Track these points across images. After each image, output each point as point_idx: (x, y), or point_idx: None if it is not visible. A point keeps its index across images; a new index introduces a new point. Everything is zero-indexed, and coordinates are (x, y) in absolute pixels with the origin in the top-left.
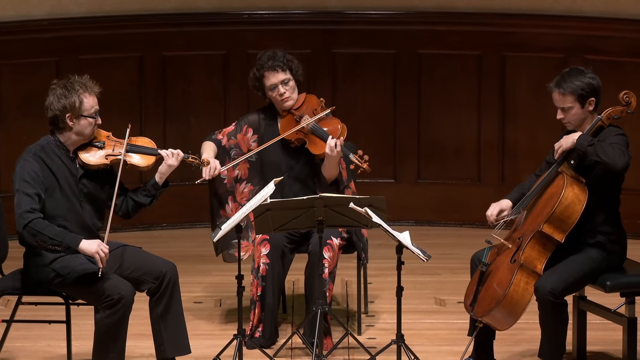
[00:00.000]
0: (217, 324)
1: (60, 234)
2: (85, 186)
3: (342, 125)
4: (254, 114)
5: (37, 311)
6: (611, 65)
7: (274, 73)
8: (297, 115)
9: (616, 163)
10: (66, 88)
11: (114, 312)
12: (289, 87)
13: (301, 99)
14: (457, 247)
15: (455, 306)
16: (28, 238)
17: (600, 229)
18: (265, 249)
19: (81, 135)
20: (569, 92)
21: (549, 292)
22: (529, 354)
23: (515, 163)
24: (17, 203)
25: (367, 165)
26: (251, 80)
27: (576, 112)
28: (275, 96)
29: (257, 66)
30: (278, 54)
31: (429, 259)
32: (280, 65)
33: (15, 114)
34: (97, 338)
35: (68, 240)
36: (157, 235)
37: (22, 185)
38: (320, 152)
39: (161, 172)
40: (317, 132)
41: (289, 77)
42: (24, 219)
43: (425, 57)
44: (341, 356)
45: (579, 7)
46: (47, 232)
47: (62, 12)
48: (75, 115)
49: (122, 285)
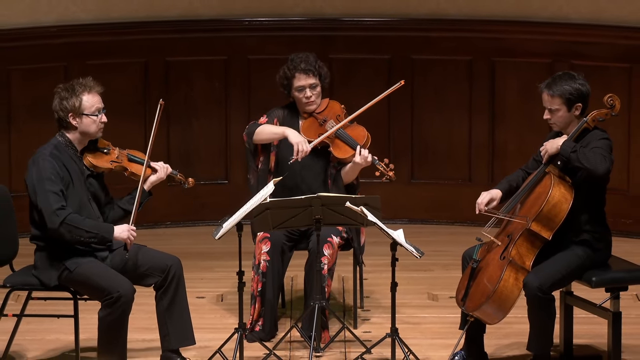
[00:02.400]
0: (218, 318)
1: (95, 226)
2: (91, 185)
3: (367, 133)
4: (279, 109)
5: (46, 306)
6: (596, 70)
7: (304, 76)
8: (320, 119)
9: (597, 169)
10: (67, 90)
11: (113, 310)
12: (316, 92)
13: (324, 104)
14: (449, 244)
15: (447, 301)
16: (65, 234)
17: (585, 228)
18: (266, 246)
19: (87, 133)
20: (558, 94)
21: (537, 287)
22: (517, 347)
23: (504, 163)
24: (45, 201)
25: (392, 174)
26: (280, 78)
27: (562, 114)
28: (301, 97)
29: (290, 66)
30: (311, 58)
31: (422, 256)
32: (312, 70)
33: (25, 116)
34: (100, 334)
35: (103, 231)
36: (161, 233)
37: (46, 184)
38: (345, 157)
39: (151, 181)
40: (342, 137)
41: (317, 82)
42: (58, 216)
43: (418, 62)
44: (338, 349)
45: (565, 14)
46: (83, 225)
47: (70, 19)
48: (78, 115)
49: (122, 283)
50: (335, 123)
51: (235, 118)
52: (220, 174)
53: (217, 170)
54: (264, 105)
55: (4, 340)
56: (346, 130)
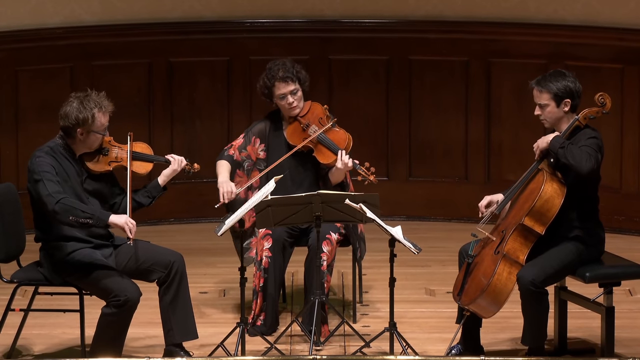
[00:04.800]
0: (221, 313)
1: (90, 209)
2: (90, 185)
3: (348, 136)
4: (260, 123)
5: (52, 301)
6: (590, 70)
7: (284, 84)
8: (303, 123)
9: (582, 167)
10: (82, 103)
11: (119, 311)
12: (297, 97)
13: (306, 107)
14: (445, 240)
15: (445, 296)
16: (61, 214)
17: (578, 224)
18: (268, 243)
19: (88, 147)
20: (546, 90)
21: (530, 282)
22: (513, 341)
23: (500, 162)
24: (42, 188)
25: (373, 177)
26: (261, 87)
27: (551, 110)
28: (283, 105)
29: (268, 76)
30: (287, 64)
31: (420, 252)
32: (290, 77)
33: (32, 117)
34: (99, 330)
35: (99, 213)
36: (165, 230)
37: (44, 174)
38: (328, 162)
39: (165, 174)
40: (324, 143)
41: (297, 87)
42: (54, 197)
43: (416, 63)
44: (337, 343)
45: (560, 16)
46: (78, 206)
47: (75, 21)
48: (86, 130)
49: (129, 287)
50: (317, 127)
51: (237, 118)
52: None
53: None
54: (265, 105)
55: (11, 334)
56: (327, 134)
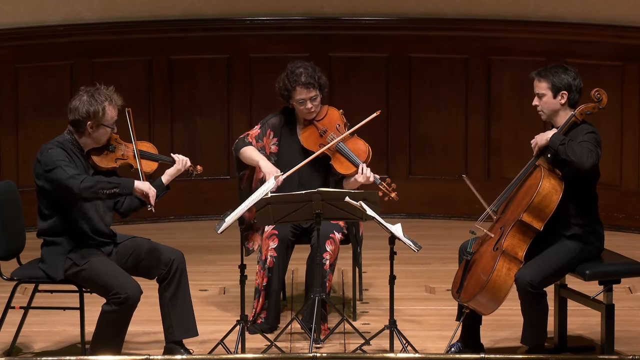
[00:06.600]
0: (221, 311)
1: (114, 179)
2: None
3: (368, 148)
4: (276, 117)
5: (52, 298)
6: (590, 67)
7: (305, 90)
8: (320, 129)
9: (583, 163)
10: (93, 96)
11: (119, 309)
12: (316, 103)
13: (323, 111)
14: (445, 238)
15: (444, 294)
16: (88, 189)
17: (576, 222)
18: (274, 242)
19: (97, 142)
20: (544, 79)
21: (528, 283)
22: (512, 338)
23: (500, 159)
24: (62, 173)
25: (395, 195)
26: (280, 89)
27: (548, 100)
28: (302, 109)
29: (290, 79)
30: (309, 69)
31: (420, 250)
32: (312, 84)
33: (32, 114)
34: (99, 327)
35: (124, 181)
36: (165, 227)
37: (59, 162)
38: (347, 173)
39: (169, 174)
40: (343, 152)
41: (317, 94)
42: (77, 179)
43: (416, 60)
44: (337, 341)
45: (559, 14)
46: (102, 179)
47: (76, 19)
48: (96, 124)
49: (130, 284)
50: (335, 135)
51: (237, 115)
52: (222, 169)
53: (220, 166)
54: (265, 102)
55: (12, 332)
56: (346, 143)
